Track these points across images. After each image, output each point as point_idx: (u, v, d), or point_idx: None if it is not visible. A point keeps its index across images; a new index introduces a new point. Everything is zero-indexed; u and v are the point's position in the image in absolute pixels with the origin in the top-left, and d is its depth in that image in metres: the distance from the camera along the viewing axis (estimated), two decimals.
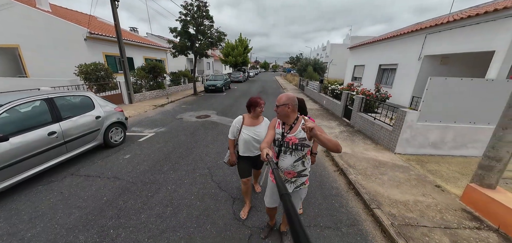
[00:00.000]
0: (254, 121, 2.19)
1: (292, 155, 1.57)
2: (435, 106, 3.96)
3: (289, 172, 1.61)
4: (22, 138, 2.80)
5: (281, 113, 1.56)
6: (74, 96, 3.81)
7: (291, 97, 1.54)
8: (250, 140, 2.15)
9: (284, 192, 0.56)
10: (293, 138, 1.54)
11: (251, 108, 2.12)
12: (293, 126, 1.58)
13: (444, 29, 6.70)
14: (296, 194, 1.73)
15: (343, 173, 3.54)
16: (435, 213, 2.53)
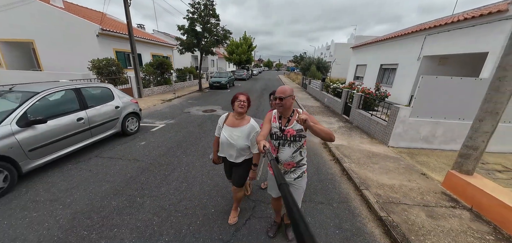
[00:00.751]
0: (235, 122, 1.92)
1: (290, 146, 1.61)
2: (426, 103, 4.27)
3: (289, 163, 1.65)
4: (56, 122, 3.23)
5: (286, 105, 1.55)
6: (96, 87, 4.23)
7: (292, 89, 1.58)
8: (226, 142, 1.91)
9: (282, 182, 0.57)
10: (290, 130, 1.58)
11: (232, 104, 1.91)
12: (290, 119, 1.61)
13: (442, 30, 6.94)
14: (298, 183, 1.73)
15: (338, 161, 3.89)
16: (417, 194, 2.87)
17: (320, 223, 2.37)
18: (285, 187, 0.52)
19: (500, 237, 2.19)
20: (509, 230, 2.27)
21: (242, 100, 1.83)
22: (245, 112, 1.89)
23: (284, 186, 0.53)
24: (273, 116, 1.69)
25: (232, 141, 1.87)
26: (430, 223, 2.34)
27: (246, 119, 1.92)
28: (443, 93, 4.19)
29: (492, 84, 2.66)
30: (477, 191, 2.65)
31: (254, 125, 1.91)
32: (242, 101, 1.83)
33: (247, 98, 1.87)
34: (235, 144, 1.87)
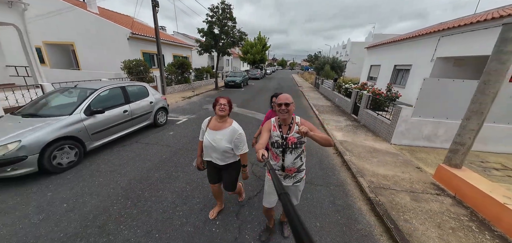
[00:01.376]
0: (217, 125, 1.94)
1: (292, 153, 1.65)
2: (429, 104, 4.53)
3: (290, 169, 1.70)
4: (110, 113, 4.10)
5: (291, 111, 1.59)
6: (135, 86, 5.10)
7: (292, 97, 1.63)
8: (208, 146, 1.95)
9: (282, 191, 0.55)
10: (291, 138, 1.61)
11: (213, 108, 1.92)
12: (291, 126, 1.64)
13: (456, 32, 6.95)
14: (296, 188, 1.81)
15: (340, 154, 4.34)
16: (407, 183, 3.27)
17: (317, 200, 2.90)
18: (286, 197, 0.52)
19: (474, 219, 2.56)
20: (484, 214, 2.62)
21: (222, 103, 1.86)
22: (226, 115, 1.91)
23: (284, 196, 0.53)
24: (273, 125, 1.70)
25: (215, 144, 1.89)
26: (412, 204, 2.76)
27: (228, 122, 1.94)
28: (446, 94, 4.43)
29: (479, 87, 2.98)
30: (462, 182, 2.99)
31: (236, 127, 1.92)
32: (222, 105, 1.86)
33: (227, 101, 1.91)
34: (217, 147, 1.90)
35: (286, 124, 1.65)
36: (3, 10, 6.69)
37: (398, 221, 2.44)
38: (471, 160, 4.22)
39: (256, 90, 14.85)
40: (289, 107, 1.57)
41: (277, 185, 0.62)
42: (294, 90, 16.35)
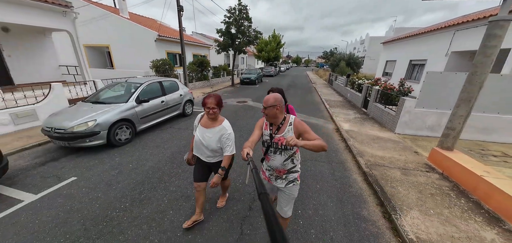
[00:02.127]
0: (208, 122, 1.92)
1: (281, 154, 1.60)
2: (432, 95, 4.86)
3: (280, 170, 1.66)
4: (152, 102, 5.08)
5: (270, 115, 1.55)
6: (169, 80, 6.08)
7: (278, 98, 1.55)
8: (198, 142, 1.95)
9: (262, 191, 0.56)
10: (281, 139, 1.56)
11: (203, 107, 1.84)
12: (280, 127, 1.59)
13: (471, 26, 6.95)
14: (289, 190, 1.72)
15: (344, 141, 4.88)
16: (401, 163, 3.75)
17: (319, 171, 3.53)
18: (265, 197, 0.54)
19: (455, 189, 3.01)
20: (465, 186, 3.06)
21: (210, 107, 1.77)
22: (216, 118, 1.89)
23: (263, 196, 0.54)
24: (265, 123, 1.68)
25: (204, 142, 1.89)
26: (401, 177, 3.28)
27: (219, 120, 1.91)
28: (449, 87, 4.72)
29: (467, 78, 3.37)
30: (451, 162, 3.41)
31: (226, 126, 1.90)
32: (211, 109, 1.78)
33: (216, 103, 1.80)
34: (207, 145, 1.89)
35: (275, 124, 1.60)
36: (59, 18, 8.09)
37: (384, 187, 3.00)
38: (472, 148, 4.50)
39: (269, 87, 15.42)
40: (267, 110, 1.53)
41: (257, 184, 0.63)
42: (308, 87, 16.69)
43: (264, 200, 0.53)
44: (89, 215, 2.41)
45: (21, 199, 2.65)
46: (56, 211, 2.46)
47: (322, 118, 7.09)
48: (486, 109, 4.71)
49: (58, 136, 3.68)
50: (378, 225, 2.41)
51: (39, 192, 2.79)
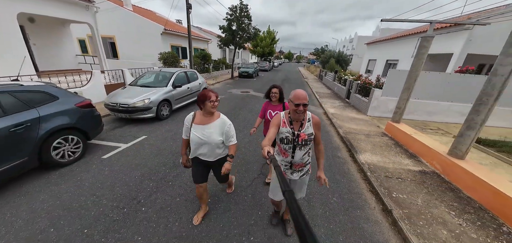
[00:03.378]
0: (204, 119, 1.90)
1: (301, 149, 1.65)
2: (392, 87, 6.61)
3: (298, 164, 1.73)
4: (182, 88, 6.42)
5: (305, 111, 1.54)
6: (191, 71, 7.40)
7: (307, 95, 1.54)
8: (198, 141, 1.89)
9: (287, 189, 0.56)
10: (302, 135, 1.60)
11: (200, 104, 1.85)
12: (302, 123, 1.61)
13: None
14: (302, 181, 1.83)
15: (330, 120, 6.55)
16: (366, 132, 5.46)
17: None
18: (290, 195, 0.52)
19: (396, 145, 4.72)
20: (402, 142, 4.78)
21: (213, 100, 1.80)
22: (213, 113, 1.89)
23: (289, 194, 0.53)
24: (282, 120, 1.67)
25: (205, 139, 1.85)
26: (364, 139, 4.97)
27: (216, 115, 1.92)
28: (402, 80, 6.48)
29: (408, 74, 5.08)
30: (397, 129, 5.13)
31: (225, 119, 1.93)
32: (214, 102, 1.80)
33: (216, 96, 1.84)
34: (208, 141, 1.86)
35: (298, 121, 1.62)
36: (81, 12, 9.01)
37: (353, 143, 4.66)
38: (418, 124, 6.32)
39: (266, 80, 16.98)
40: (306, 107, 1.52)
41: (281, 182, 0.62)
42: (301, 81, 18.36)
43: (290, 197, 0.51)
44: (168, 153, 3.83)
45: (118, 146, 4.00)
46: (149, 150, 3.86)
47: (313, 106, 8.75)
48: (430, 98, 6.56)
49: (122, 110, 4.98)
50: (346, 159, 4.05)
51: (128, 142, 4.15)
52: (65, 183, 2.84)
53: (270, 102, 2.75)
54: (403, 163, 3.84)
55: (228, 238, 2.18)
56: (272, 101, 2.71)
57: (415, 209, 2.64)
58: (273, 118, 1.71)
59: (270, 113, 2.68)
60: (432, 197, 2.89)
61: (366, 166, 3.63)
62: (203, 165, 2.04)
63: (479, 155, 4.42)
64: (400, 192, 2.98)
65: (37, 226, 2.14)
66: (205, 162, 2.01)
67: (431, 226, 2.38)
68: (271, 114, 2.66)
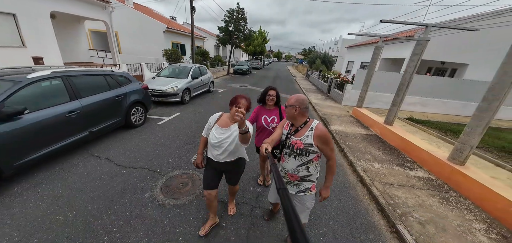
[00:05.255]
0: (228, 123, 1.77)
1: (296, 159, 1.55)
2: (359, 83, 8.71)
3: (292, 175, 1.60)
4: (197, 79, 8.01)
5: (289, 114, 1.53)
6: (202, 66, 8.97)
7: (300, 100, 1.49)
8: (214, 142, 1.75)
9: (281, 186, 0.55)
10: (299, 143, 1.50)
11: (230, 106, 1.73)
12: (299, 130, 1.52)
13: (391, 43, 11.18)
14: (300, 200, 1.66)
15: (313, 106, 8.52)
16: (338, 114, 7.48)
17: None
18: (284, 192, 0.52)
19: (357, 122, 6.76)
20: (367, 124, 6.83)
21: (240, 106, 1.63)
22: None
23: (282, 191, 0.53)
24: (287, 122, 1.66)
25: (223, 144, 1.72)
26: (336, 118, 6.96)
27: None
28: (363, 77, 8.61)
29: (367, 72, 7.14)
30: (360, 113, 7.19)
31: (247, 124, 1.58)
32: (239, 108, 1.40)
33: (247, 107, 1.66)
34: (225, 146, 1.72)
35: (295, 126, 1.55)
36: (98, 10, 10.14)
37: (327, 119, 6.63)
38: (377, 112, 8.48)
39: (259, 77, 18.80)
40: (287, 109, 1.52)
41: (276, 180, 0.63)
42: (290, 79, 20.38)
43: (283, 195, 0.51)
44: (201, 123, 5.49)
45: (163, 118, 5.57)
46: (187, 121, 5.48)
47: None
48: (384, 91, 8.77)
49: (157, 94, 6.49)
50: None
51: (169, 116, 5.73)
52: (143, 135, 4.43)
53: (263, 107, 2.46)
54: (357, 131, 5.85)
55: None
56: (268, 105, 2.40)
57: (357, 149, 4.59)
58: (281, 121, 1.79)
59: (265, 118, 2.38)
60: (369, 144, 4.87)
61: (334, 132, 5.58)
62: (216, 168, 1.88)
63: (403, 124, 6.59)
64: (351, 142, 4.94)
65: (143, 152, 3.75)
66: (218, 166, 1.85)
67: (363, 154, 4.33)
68: (266, 120, 2.37)
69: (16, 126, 2.55)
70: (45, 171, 2.95)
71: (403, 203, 2.89)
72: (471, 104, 8.64)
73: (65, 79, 3.28)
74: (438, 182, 3.48)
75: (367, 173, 3.61)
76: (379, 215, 2.77)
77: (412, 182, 3.43)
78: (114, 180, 2.88)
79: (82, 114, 3.36)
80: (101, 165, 3.21)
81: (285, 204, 0.46)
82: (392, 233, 2.48)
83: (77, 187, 2.69)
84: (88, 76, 3.74)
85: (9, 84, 2.67)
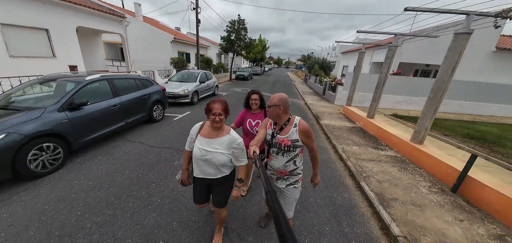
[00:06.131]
0: (212, 133, 1.58)
1: (284, 156, 1.60)
2: (348, 84, 9.66)
3: (282, 171, 1.66)
4: (204, 83, 9.03)
5: (272, 114, 1.55)
6: (208, 72, 10.02)
7: (283, 98, 1.53)
8: (199, 157, 1.57)
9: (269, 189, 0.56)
10: (285, 140, 1.55)
11: (207, 114, 1.53)
12: (284, 127, 1.56)
13: (379, 48, 12.20)
14: (290, 192, 1.72)
15: (308, 107, 9.45)
16: (329, 112, 8.40)
17: None
18: (272, 195, 0.53)
19: (350, 121, 7.67)
20: (352, 117, 7.74)
21: (217, 113, 1.46)
22: (221, 127, 1.56)
23: (271, 194, 0.54)
24: (269, 122, 1.69)
25: (209, 157, 1.54)
26: (327, 115, 7.88)
27: (225, 130, 1.60)
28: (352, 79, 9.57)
29: (353, 75, 8.11)
30: (349, 110, 8.11)
31: (235, 136, 1.59)
32: (217, 115, 1.45)
33: (223, 109, 1.50)
34: (212, 160, 1.55)
35: (279, 125, 1.59)
36: (115, 25, 11.35)
37: (319, 116, 7.54)
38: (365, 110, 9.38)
39: (260, 82, 19.87)
40: (270, 109, 1.53)
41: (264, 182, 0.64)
42: (289, 83, 21.43)
43: (272, 198, 0.51)
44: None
45: (176, 116, 6.52)
46: (198, 118, 6.43)
47: (298, 99, 11.67)
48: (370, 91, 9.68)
49: (170, 96, 7.49)
50: (314, 123, 6.89)
51: (182, 114, 6.69)
52: (163, 127, 5.37)
53: (249, 111, 2.49)
54: (344, 124, 6.76)
55: None
56: (253, 109, 2.44)
57: (341, 137, 5.48)
58: (263, 120, 1.76)
59: (249, 122, 2.42)
60: (352, 134, 5.77)
61: (324, 125, 6.49)
62: (203, 184, 1.74)
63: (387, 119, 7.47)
64: (337, 133, 5.84)
65: (166, 137, 4.67)
66: (205, 181, 1.69)
67: (345, 141, 5.21)
68: (251, 124, 2.41)
69: (81, 113, 3.52)
70: (98, 149, 3.89)
71: (369, 170, 3.77)
72: (451, 101, 9.52)
73: (109, 81, 4.27)
74: (403, 158, 4.36)
75: (346, 152, 4.50)
76: (350, 178, 3.66)
77: (381, 158, 4.32)
78: (150, 154, 3.81)
79: (121, 108, 4.34)
80: (137, 146, 4.15)
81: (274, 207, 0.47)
82: (356, 188, 3.36)
83: (124, 158, 3.63)
84: (124, 79, 4.74)
85: (74, 84, 3.66)
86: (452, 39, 3.71)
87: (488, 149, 5.02)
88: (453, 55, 3.68)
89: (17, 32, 7.15)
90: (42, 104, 3.25)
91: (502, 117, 9.59)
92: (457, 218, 2.67)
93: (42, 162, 2.96)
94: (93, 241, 2.01)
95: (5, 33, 6.81)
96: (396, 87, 9.57)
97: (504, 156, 4.58)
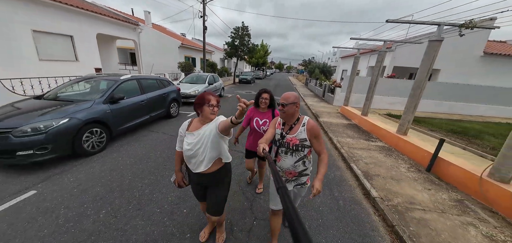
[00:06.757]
0: (200, 125, 1.59)
1: (293, 156, 1.58)
2: (345, 86, 10.37)
3: (290, 172, 1.63)
4: (212, 85, 9.80)
5: (289, 112, 1.53)
6: (215, 75, 10.81)
7: (297, 96, 1.53)
8: (190, 151, 1.57)
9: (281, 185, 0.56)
10: (294, 139, 1.54)
11: (197, 108, 1.56)
12: (293, 127, 1.57)
13: (373, 54, 12.94)
14: (297, 191, 1.74)
15: (308, 107, 10.15)
16: (328, 111, 9.10)
17: None
18: (283, 191, 0.53)
19: (343, 116, 8.36)
20: (346, 114, 8.42)
21: (213, 103, 1.52)
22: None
23: (282, 190, 0.53)
24: (278, 122, 1.69)
25: (201, 142, 1.53)
26: (326, 114, 8.57)
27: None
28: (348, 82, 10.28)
29: (349, 78, 8.83)
30: (346, 110, 8.79)
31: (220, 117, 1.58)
32: (214, 106, 1.52)
33: (217, 101, 1.56)
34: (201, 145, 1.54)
35: (288, 124, 1.60)
36: (129, 31, 12.26)
37: (318, 114, 8.24)
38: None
39: (262, 85, 20.50)
40: (286, 107, 1.52)
41: (275, 178, 0.62)
42: (291, 87, 22.20)
43: (283, 194, 0.51)
44: None
45: (189, 112, 7.26)
46: None
47: None
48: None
49: (183, 96, 8.25)
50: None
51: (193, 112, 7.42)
52: (180, 122, 6.09)
53: (257, 109, 2.51)
54: (341, 121, 7.44)
55: None
56: (261, 107, 2.46)
57: (338, 132, 6.16)
58: (272, 120, 1.76)
59: (257, 121, 2.44)
60: (347, 129, 6.44)
61: (322, 122, 7.19)
62: (199, 181, 1.71)
63: (381, 118, 8.14)
64: (334, 128, 6.52)
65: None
66: (199, 180, 1.68)
67: (341, 135, 5.89)
68: (258, 123, 2.43)
69: (118, 106, 4.26)
70: (129, 137, 4.62)
71: (359, 156, 4.45)
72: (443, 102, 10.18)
73: (138, 80, 5.04)
74: (389, 147, 5.02)
75: (340, 143, 5.18)
76: (342, 161, 4.33)
77: (371, 147, 4.99)
78: (173, 141, 4.52)
79: (147, 103, 5.09)
80: (160, 135, 4.87)
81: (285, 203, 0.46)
82: (347, 168, 4.04)
83: (153, 144, 4.35)
84: (149, 79, 5.51)
85: (112, 82, 4.42)
86: (427, 46, 4.42)
87: (467, 141, 5.66)
88: (428, 59, 4.39)
89: (46, 38, 8.01)
90: (90, 97, 4.00)
91: (490, 116, 10.19)
92: (426, 188, 3.33)
93: (92, 144, 3.69)
94: (147, 193, 2.72)
95: (36, 39, 7.66)
96: (390, 89, 10.26)
97: (480, 147, 5.21)
